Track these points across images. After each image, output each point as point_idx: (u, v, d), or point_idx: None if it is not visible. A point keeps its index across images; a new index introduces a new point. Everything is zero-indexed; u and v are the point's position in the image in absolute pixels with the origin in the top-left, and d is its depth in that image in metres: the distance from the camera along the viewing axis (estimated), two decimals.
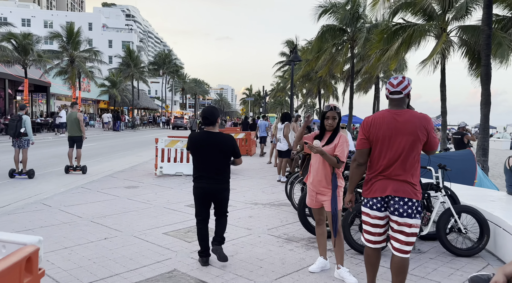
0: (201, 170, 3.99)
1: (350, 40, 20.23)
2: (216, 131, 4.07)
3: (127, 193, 7.99)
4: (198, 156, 4.02)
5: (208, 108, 4.16)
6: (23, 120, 9.47)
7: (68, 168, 10.78)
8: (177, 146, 10.17)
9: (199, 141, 4.01)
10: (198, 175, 4.01)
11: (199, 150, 4.00)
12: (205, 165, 3.98)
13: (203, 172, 3.98)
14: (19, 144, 9.57)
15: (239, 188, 8.55)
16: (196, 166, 4.05)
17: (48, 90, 33.70)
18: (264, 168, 12.28)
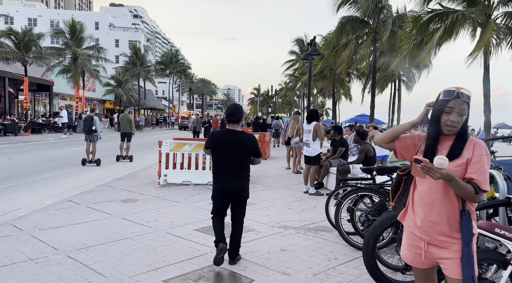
0: (223, 169, 3.90)
1: (373, 32, 18.54)
2: (239, 130, 3.99)
3: (122, 209, 6.46)
4: (221, 155, 3.91)
5: (235, 105, 4.16)
6: (94, 120, 12.11)
7: (119, 157, 13.57)
8: (184, 150, 8.63)
9: (223, 139, 3.91)
10: (220, 175, 3.92)
11: (222, 149, 3.89)
12: (228, 165, 3.89)
13: (225, 172, 3.89)
14: (90, 138, 12.21)
15: (260, 203, 6.97)
16: (218, 166, 3.94)
17: (51, 89, 32.48)
18: (283, 174, 10.69)
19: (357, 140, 7.51)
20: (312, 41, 16.54)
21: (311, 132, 7.69)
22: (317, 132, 7.66)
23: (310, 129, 7.71)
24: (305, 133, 7.87)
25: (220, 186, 3.92)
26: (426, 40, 12.27)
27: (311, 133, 7.68)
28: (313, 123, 7.72)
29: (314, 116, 7.76)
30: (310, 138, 7.71)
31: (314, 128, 7.65)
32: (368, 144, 7.42)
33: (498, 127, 50.09)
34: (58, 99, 39.23)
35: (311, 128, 7.70)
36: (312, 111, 7.85)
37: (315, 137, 7.68)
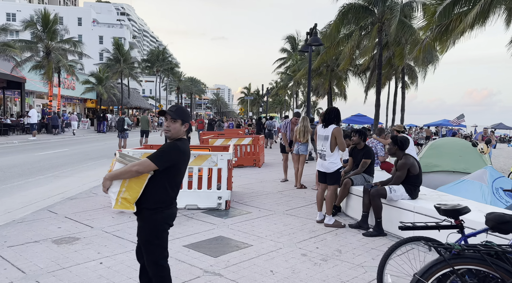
0: (177, 192, 2.88)
1: (378, 22, 16.46)
2: None
3: (46, 260, 4.18)
4: (182, 175, 2.90)
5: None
6: (125, 120, 15.64)
7: None
8: None
9: (188, 153, 2.92)
10: (173, 199, 2.87)
11: (185, 167, 2.91)
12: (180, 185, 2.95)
13: (177, 194, 2.90)
14: (122, 135, 15.83)
15: (257, 245, 4.74)
16: (175, 189, 2.85)
17: (23, 86, 29.73)
18: (283, 190, 8.47)
19: (394, 151, 5.34)
20: (312, 30, 14.38)
21: (328, 139, 5.49)
22: (336, 140, 5.46)
23: (328, 135, 5.50)
24: (320, 140, 5.67)
25: (174, 212, 2.90)
26: (453, 26, 10.20)
27: (329, 141, 5.47)
28: (331, 127, 5.51)
29: (334, 117, 5.55)
30: (327, 148, 5.51)
31: (333, 134, 5.45)
32: (411, 157, 5.25)
33: (495, 127, 48.85)
34: (34, 97, 36.38)
35: (328, 134, 5.50)
36: (332, 110, 5.62)
37: (333, 147, 5.48)
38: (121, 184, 2.67)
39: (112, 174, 2.66)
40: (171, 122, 2.79)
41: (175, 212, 2.89)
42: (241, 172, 11.04)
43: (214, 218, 5.96)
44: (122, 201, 2.67)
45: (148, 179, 2.69)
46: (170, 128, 2.79)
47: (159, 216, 2.75)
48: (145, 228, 2.76)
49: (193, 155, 6.43)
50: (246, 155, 12.62)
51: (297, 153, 8.76)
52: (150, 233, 2.75)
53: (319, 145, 5.68)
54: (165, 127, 2.82)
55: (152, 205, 2.72)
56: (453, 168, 8.61)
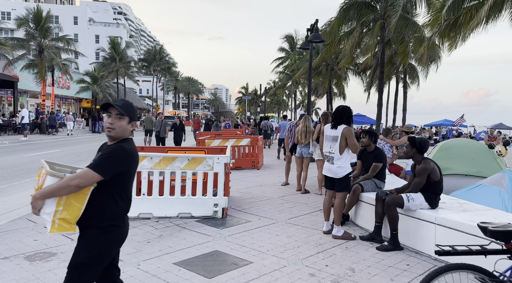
0: (129, 204, 2.37)
1: (381, 18, 15.90)
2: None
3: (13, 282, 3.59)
4: (132, 182, 2.39)
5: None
6: None
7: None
8: (142, 167, 5.76)
9: (137, 156, 2.37)
10: (125, 213, 2.35)
11: (134, 173, 2.40)
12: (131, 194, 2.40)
13: (130, 206, 2.38)
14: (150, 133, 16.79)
15: (258, 263, 4.15)
16: (126, 200, 2.33)
17: (15, 85, 29.01)
18: (285, 194, 7.89)
19: (412, 154, 4.78)
20: (313, 26, 13.81)
21: (337, 141, 4.91)
22: (347, 141, 4.88)
23: (337, 136, 4.92)
24: (327, 141, 5.09)
25: (125, 230, 2.35)
26: (463, 21, 9.62)
27: (338, 142, 4.90)
28: (341, 127, 4.93)
29: (344, 116, 4.96)
30: (335, 150, 4.93)
31: (343, 134, 4.87)
32: (431, 161, 4.68)
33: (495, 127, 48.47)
34: (28, 97, 35.66)
35: (338, 135, 4.92)
36: (343, 109, 4.99)
37: (342, 149, 4.90)
38: (56, 203, 2.11)
39: (45, 192, 2.09)
40: (117, 119, 2.27)
41: (126, 230, 2.37)
42: (240, 175, 10.46)
43: (210, 228, 5.38)
44: (59, 223, 2.12)
45: (91, 191, 2.16)
46: (115, 126, 2.26)
47: (109, 236, 2.20)
48: (84, 250, 2.20)
49: (187, 158, 5.84)
50: (245, 157, 12.04)
51: (301, 155, 8.18)
52: (90, 255, 2.18)
53: (326, 147, 5.10)
54: (108, 124, 2.26)
55: (100, 222, 2.19)
56: (466, 171, 8.06)
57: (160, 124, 15.04)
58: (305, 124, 8.03)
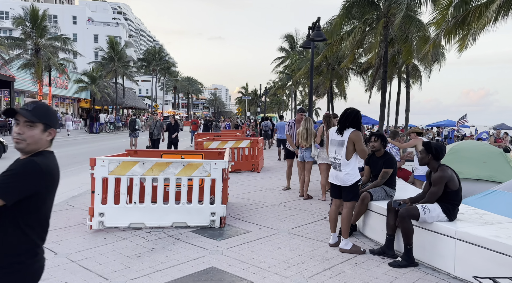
0: (46, 231, 1.90)
1: (384, 17, 15.48)
2: None
3: None
4: (49, 206, 1.88)
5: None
6: (136, 121, 16.18)
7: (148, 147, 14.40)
8: (134, 173, 5.35)
9: (57, 174, 1.88)
10: (39, 244, 1.85)
11: (52, 194, 1.88)
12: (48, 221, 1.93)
13: (45, 236, 1.89)
14: (134, 135, 16.10)
15: (258, 280, 3.73)
16: (38, 228, 1.83)
17: (12, 85, 28.57)
18: (287, 200, 7.47)
19: (428, 160, 4.36)
20: (315, 24, 13.40)
21: (344, 145, 4.48)
22: (355, 146, 4.46)
23: (343, 141, 4.50)
24: (332, 146, 4.67)
25: (37, 268, 1.81)
26: (472, 18, 9.18)
27: (344, 147, 4.47)
28: (348, 131, 4.51)
29: (352, 120, 4.53)
30: (342, 155, 4.51)
31: (350, 139, 4.45)
32: (449, 168, 4.27)
33: (497, 127, 48.07)
34: (25, 97, 35.27)
35: (345, 139, 4.50)
36: (350, 112, 4.53)
37: (350, 154, 4.48)
38: None
39: None
40: (27, 128, 1.79)
41: (42, 266, 1.87)
42: (239, 178, 10.05)
43: (206, 240, 4.97)
44: None
45: None
46: (24, 137, 1.78)
47: (16, 277, 1.72)
48: None
49: (182, 164, 5.43)
50: (244, 159, 11.62)
51: (302, 160, 7.75)
52: None
53: (331, 152, 4.68)
54: (16, 134, 1.79)
55: (2, 260, 1.70)
56: (477, 176, 7.64)
57: (154, 125, 13.84)
58: (306, 126, 7.59)
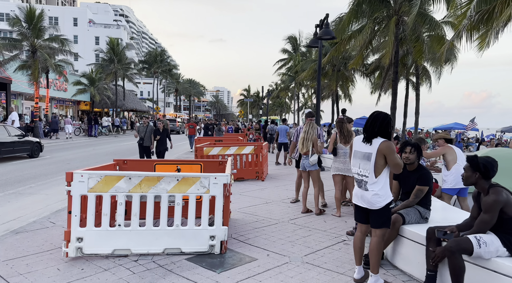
0: None
1: (395, 14, 14.64)
2: None
3: None
4: None
5: None
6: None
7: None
8: (118, 189, 4.51)
9: None
10: None
11: None
12: None
13: None
14: None
15: None
16: None
17: (8, 87, 27.87)
18: (297, 216, 6.60)
19: (475, 180, 3.50)
20: (323, 22, 12.56)
21: (371, 159, 3.62)
22: (386, 159, 3.60)
23: (371, 153, 3.64)
24: (356, 159, 3.80)
25: None
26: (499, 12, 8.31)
27: (372, 161, 3.61)
28: (377, 141, 3.65)
29: (382, 126, 3.67)
30: (369, 171, 3.64)
31: (379, 151, 3.60)
32: (503, 190, 3.40)
33: (505, 130, 47.05)
34: (22, 99, 34.55)
35: (372, 151, 3.64)
36: (378, 116, 3.66)
37: (379, 170, 3.62)
38: None
39: None
40: None
41: None
42: (242, 188, 9.20)
43: (204, 271, 4.11)
44: None
45: None
46: None
47: None
48: None
49: (176, 178, 4.58)
50: (248, 167, 10.77)
51: (303, 169, 6.87)
52: None
53: (355, 166, 3.82)
54: None
55: None
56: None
57: (144, 130, 11.62)
58: (305, 130, 6.73)
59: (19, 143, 14.76)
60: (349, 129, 6.50)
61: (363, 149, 3.73)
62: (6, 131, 14.50)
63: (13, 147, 14.47)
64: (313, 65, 25.34)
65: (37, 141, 15.83)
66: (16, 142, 14.63)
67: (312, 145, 6.54)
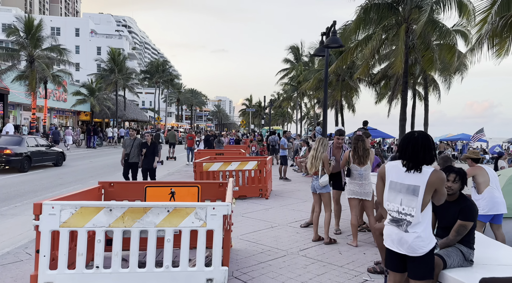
0: None
1: (405, 22, 13.98)
2: None
3: None
4: None
5: None
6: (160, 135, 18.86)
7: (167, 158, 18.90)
8: (97, 223, 3.75)
9: None
10: None
11: None
12: None
13: None
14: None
15: None
16: None
17: (6, 98, 27.31)
18: (307, 247, 5.81)
19: None
20: (329, 29, 11.91)
21: (419, 194, 2.85)
22: (437, 193, 2.85)
23: (418, 186, 2.87)
24: (395, 192, 3.01)
25: None
26: None
27: (420, 197, 2.85)
28: (428, 171, 2.88)
29: (427, 150, 2.87)
30: (415, 210, 2.87)
31: (431, 184, 2.83)
32: None
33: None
34: (21, 110, 34.03)
35: (420, 184, 2.87)
36: (421, 138, 2.88)
37: (425, 206, 2.85)
38: None
39: None
40: None
41: None
42: (244, 208, 8.43)
43: None
44: None
45: None
46: None
47: None
48: None
49: (166, 209, 3.83)
50: (250, 183, 9.99)
51: (314, 190, 6.11)
52: None
53: (392, 201, 3.03)
54: None
55: None
56: None
57: (131, 144, 9.87)
58: (315, 147, 5.98)
59: (46, 153, 16.00)
60: (366, 147, 5.75)
61: (405, 180, 2.95)
62: (36, 141, 15.79)
63: (42, 156, 15.66)
64: (317, 75, 24.71)
65: (61, 151, 17.21)
66: (44, 152, 15.84)
67: (322, 165, 5.79)
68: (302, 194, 10.62)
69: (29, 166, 14.81)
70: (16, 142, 14.69)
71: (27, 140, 15.17)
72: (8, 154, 13.98)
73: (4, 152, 13.93)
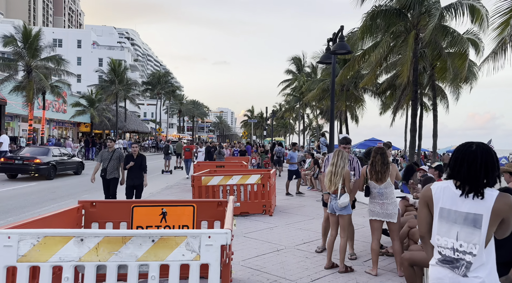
0: None
1: (414, 28, 13.38)
2: None
3: None
4: None
5: None
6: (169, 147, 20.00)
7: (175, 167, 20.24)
8: (65, 256, 3.01)
9: None
10: None
11: None
12: None
13: None
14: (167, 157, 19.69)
15: None
16: None
17: (2, 109, 26.81)
18: (320, 277, 5.04)
19: None
20: (337, 35, 11.32)
21: (482, 226, 2.13)
22: (503, 224, 2.12)
23: (481, 217, 2.15)
24: (450, 224, 2.26)
25: None
26: None
27: (484, 230, 2.12)
28: (492, 195, 2.16)
29: (488, 168, 2.18)
30: (478, 248, 2.14)
31: (497, 213, 2.11)
32: None
33: None
34: (19, 121, 33.49)
35: (485, 212, 2.15)
36: (483, 152, 2.19)
37: (487, 243, 2.12)
38: None
39: None
40: None
41: None
42: (247, 227, 7.67)
43: None
44: None
45: None
46: None
47: None
48: None
49: (151, 239, 3.09)
50: (253, 199, 9.22)
51: (332, 211, 5.30)
52: None
53: (445, 235, 2.25)
54: None
55: None
56: None
57: (108, 158, 8.43)
58: (333, 162, 5.14)
59: (68, 163, 17.13)
60: (386, 161, 5.00)
61: (461, 207, 2.21)
62: (59, 151, 16.96)
63: (65, 165, 16.79)
64: (321, 84, 24.11)
65: (80, 161, 18.45)
66: (66, 162, 16.96)
67: (343, 182, 5.02)
68: (308, 210, 9.86)
69: (54, 174, 15.82)
70: (44, 152, 15.83)
71: (53, 151, 16.37)
72: (38, 163, 15.01)
73: (34, 161, 14.98)
